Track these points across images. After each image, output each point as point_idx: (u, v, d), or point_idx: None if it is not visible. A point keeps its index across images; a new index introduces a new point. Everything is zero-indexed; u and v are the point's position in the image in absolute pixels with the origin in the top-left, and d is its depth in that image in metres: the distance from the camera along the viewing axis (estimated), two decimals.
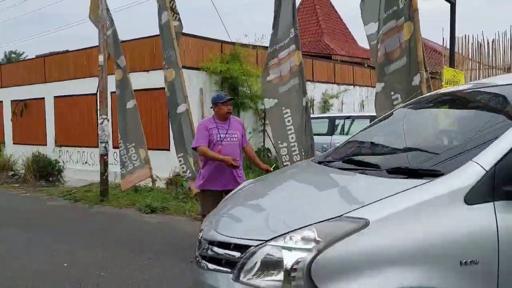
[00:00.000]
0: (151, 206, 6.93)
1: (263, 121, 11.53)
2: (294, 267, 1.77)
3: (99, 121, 7.72)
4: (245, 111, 11.13)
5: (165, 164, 8.85)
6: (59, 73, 13.96)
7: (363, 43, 17.37)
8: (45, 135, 14.25)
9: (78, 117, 13.27)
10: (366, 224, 1.77)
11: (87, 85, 12.12)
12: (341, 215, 1.84)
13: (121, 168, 8.37)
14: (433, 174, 1.94)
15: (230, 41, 9.11)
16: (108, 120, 7.77)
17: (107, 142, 7.77)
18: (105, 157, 7.77)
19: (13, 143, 15.19)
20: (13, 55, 34.80)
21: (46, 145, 13.96)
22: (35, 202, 8.23)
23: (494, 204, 1.83)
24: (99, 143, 7.78)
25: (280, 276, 1.80)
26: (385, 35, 4.64)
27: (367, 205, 1.87)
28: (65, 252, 4.85)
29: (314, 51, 16.85)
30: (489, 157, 1.88)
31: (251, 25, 55.62)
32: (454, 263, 1.78)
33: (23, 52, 35.78)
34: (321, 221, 1.86)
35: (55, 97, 13.86)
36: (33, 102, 14.65)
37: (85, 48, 13.19)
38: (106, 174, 7.77)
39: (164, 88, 7.28)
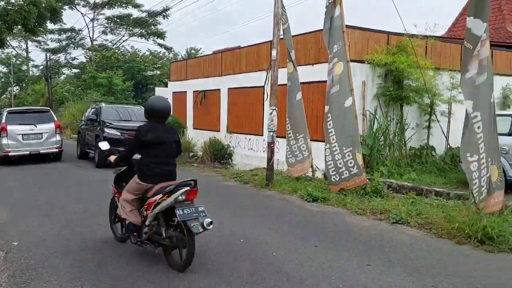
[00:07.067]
0: (313, 195, 7.26)
1: (429, 117, 10.82)
2: None
3: (269, 111, 8.39)
4: (409, 104, 10.60)
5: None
6: (232, 67, 15.54)
7: None
8: (219, 122, 16.10)
9: (246, 107, 14.58)
10: None
11: (256, 78, 13.20)
12: None
13: (289, 157, 8.93)
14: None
15: (397, 32, 8.76)
16: (276, 111, 8.37)
17: (274, 131, 8.40)
18: (272, 145, 8.43)
19: (193, 128, 17.58)
20: (192, 51, 39.93)
21: (219, 131, 15.77)
22: (213, 181, 9.48)
23: None
24: (267, 132, 8.46)
25: None
26: None
27: None
28: (236, 224, 5.55)
29: (495, 40, 14.84)
30: None
31: (421, 13, 51.55)
32: None
33: (200, 48, 40.75)
34: None
35: (229, 88, 15.50)
36: (211, 93, 16.66)
37: (255, 44, 14.36)
38: (272, 161, 8.43)
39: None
